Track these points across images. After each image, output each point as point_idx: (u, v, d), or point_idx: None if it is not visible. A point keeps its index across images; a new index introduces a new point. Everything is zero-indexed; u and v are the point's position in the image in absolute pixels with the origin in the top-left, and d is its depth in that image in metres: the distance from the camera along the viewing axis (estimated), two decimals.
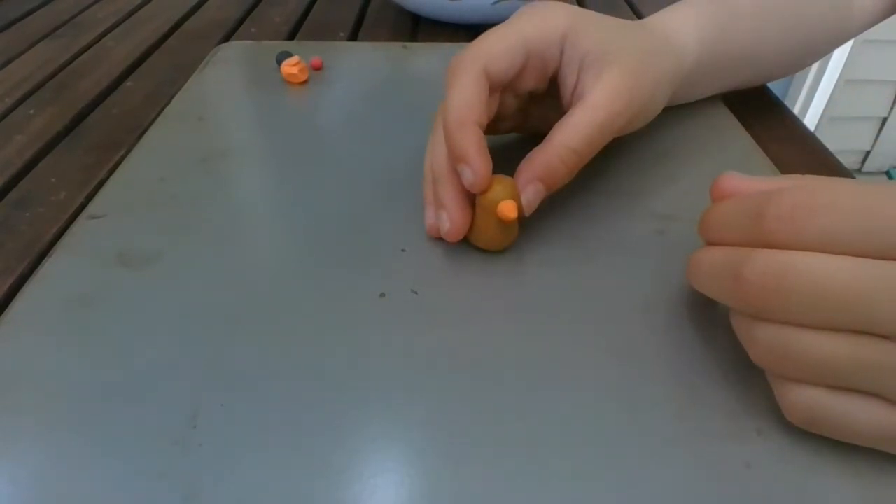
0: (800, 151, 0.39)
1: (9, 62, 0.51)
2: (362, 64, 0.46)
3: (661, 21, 0.34)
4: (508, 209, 0.26)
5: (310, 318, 0.25)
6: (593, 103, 0.27)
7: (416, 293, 0.26)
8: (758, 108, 0.42)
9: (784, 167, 0.36)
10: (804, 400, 0.19)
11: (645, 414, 0.22)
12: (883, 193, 0.17)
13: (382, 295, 0.26)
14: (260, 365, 0.23)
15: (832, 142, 0.42)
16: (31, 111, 0.43)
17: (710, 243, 0.22)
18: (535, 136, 0.30)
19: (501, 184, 0.27)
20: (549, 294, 0.26)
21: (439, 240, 0.29)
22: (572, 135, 0.27)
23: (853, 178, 0.35)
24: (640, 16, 0.57)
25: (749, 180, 0.22)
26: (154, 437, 0.21)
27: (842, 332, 0.18)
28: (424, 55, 0.47)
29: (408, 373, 0.23)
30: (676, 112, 0.38)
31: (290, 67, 0.43)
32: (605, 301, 0.26)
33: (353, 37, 0.55)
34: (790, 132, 0.41)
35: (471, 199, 0.27)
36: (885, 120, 1.64)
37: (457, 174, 0.26)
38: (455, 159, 0.26)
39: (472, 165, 0.25)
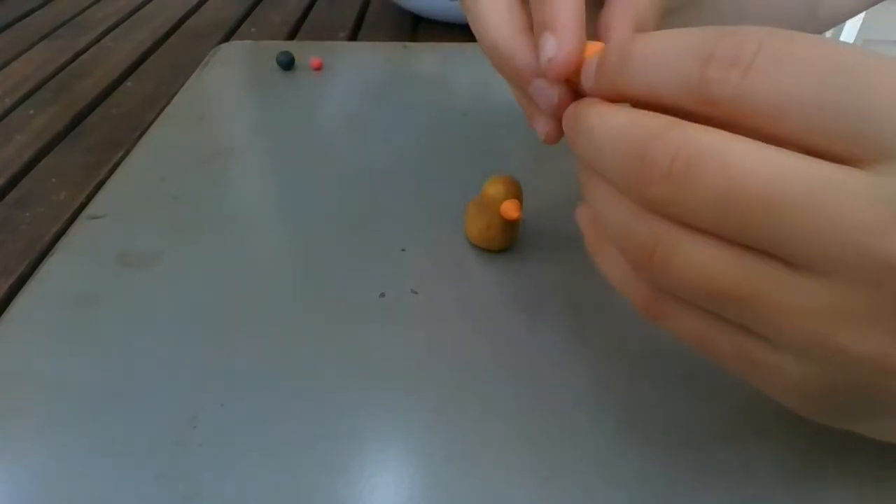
0: None
1: (9, 62, 0.51)
2: (362, 64, 0.46)
3: None
4: (512, 209, 0.26)
5: (310, 317, 0.25)
6: None
7: (415, 293, 0.26)
8: None
9: None
10: (671, 310, 0.17)
11: (644, 413, 0.22)
12: (877, 74, 0.13)
13: (382, 295, 0.26)
14: (260, 365, 0.23)
15: None
16: (31, 111, 0.43)
17: (619, 98, 0.17)
18: None
19: (504, 183, 0.27)
20: (549, 294, 0.26)
21: (439, 240, 0.29)
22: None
23: None
24: None
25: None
26: (154, 437, 0.21)
27: (738, 246, 0.14)
28: (424, 55, 0.47)
29: (407, 372, 0.23)
30: None
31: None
32: (605, 301, 0.26)
33: (353, 37, 0.55)
34: None
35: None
36: None
37: None
38: (543, 22, 0.19)
39: (559, 34, 0.18)
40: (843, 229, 0.13)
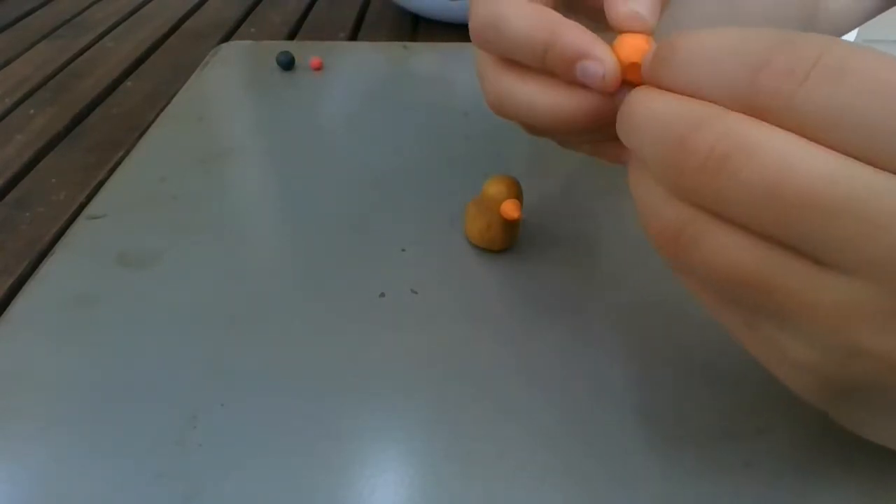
0: None
1: (9, 62, 0.51)
2: (362, 64, 0.46)
3: None
4: (511, 209, 0.26)
5: (310, 317, 0.25)
6: None
7: (415, 293, 0.26)
8: None
9: None
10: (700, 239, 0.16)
11: (644, 413, 0.22)
12: None
13: (382, 295, 0.26)
14: (260, 365, 0.23)
15: None
16: (31, 111, 0.43)
17: (671, 88, 0.16)
18: None
19: (504, 183, 0.27)
20: (549, 294, 0.26)
21: (439, 240, 0.29)
22: None
23: None
24: None
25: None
26: (154, 437, 0.21)
27: (765, 239, 0.14)
28: (424, 55, 0.47)
29: (408, 373, 0.23)
30: None
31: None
32: (605, 301, 0.26)
33: (353, 37, 0.55)
34: None
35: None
36: None
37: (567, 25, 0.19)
38: (570, 59, 0.19)
39: (594, 54, 0.19)
40: (881, 235, 0.13)
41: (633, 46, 0.18)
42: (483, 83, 0.22)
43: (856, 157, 0.13)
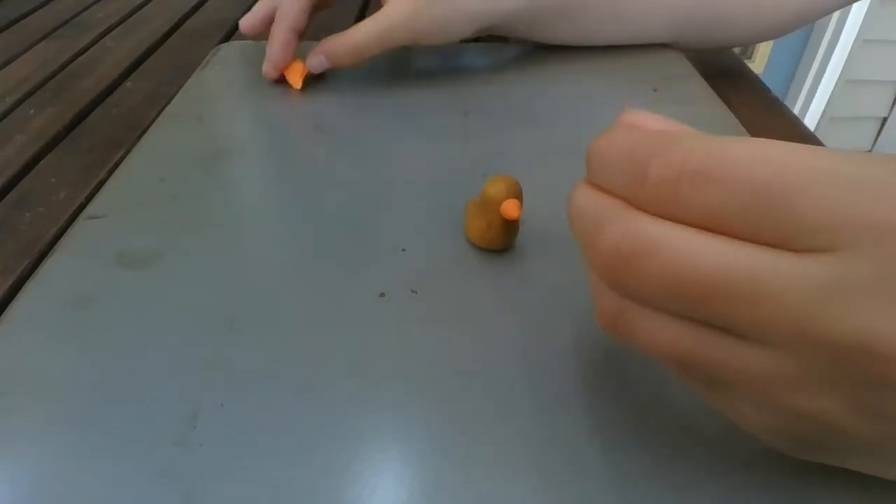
0: None
1: (9, 62, 0.51)
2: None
3: None
4: (512, 208, 0.26)
5: (310, 318, 0.25)
6: (383, 12, 0.38)
7: (415, 293, 0.26)
8: (758, 108, 0.43)
9: None
10: (635, 325, 0.17)
11: (644, 413, 0.22)
12: (797, 174, 0.14)
13: (382, 295, 0.26)
14: (260, 365, 0.23)
15: (832, 142, 0.43)
16: (31, 111, 0.43)
17: (594, 183, 0.18)
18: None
19: (504, 183, 0.27)
20: (549, 294, 0.26)
21: (439, 240, 0.29)
22: (356, 35, 0.39)
23: None
24: None
25: (651, 120, 0.18)
26: (154, 437, 0.21)
27: (689, 320, 0.16)
28: (424, 55, 0.47)
29: (408, 373, 0.23)
30: (676, 112, 0.38)
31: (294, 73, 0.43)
32: None
33: None
34: (790, 133, 0.41)
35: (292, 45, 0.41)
36: (885, 120, 1.64)
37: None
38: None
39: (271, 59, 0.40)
40: (782, 311, 0.14)
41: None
42: None
43: (745, 239, 0.14)
